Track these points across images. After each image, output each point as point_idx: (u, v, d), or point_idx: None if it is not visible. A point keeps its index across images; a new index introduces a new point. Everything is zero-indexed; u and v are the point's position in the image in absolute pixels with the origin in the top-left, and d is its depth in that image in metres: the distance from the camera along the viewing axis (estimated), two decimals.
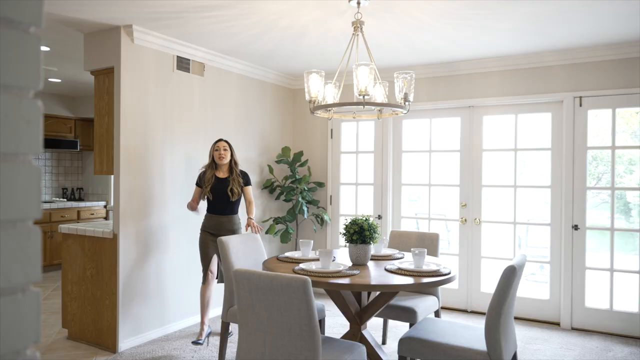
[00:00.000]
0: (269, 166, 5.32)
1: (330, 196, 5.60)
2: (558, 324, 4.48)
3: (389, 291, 2.75)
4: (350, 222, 3.01)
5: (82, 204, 7.01)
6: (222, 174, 3.94)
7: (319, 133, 5.66)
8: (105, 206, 7.30)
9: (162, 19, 3.57)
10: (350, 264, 3.06)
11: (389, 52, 4.40)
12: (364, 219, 3.02)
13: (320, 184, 5.52)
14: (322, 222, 5.43)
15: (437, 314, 3.69)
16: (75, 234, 3.98)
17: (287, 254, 3.30)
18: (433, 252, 3.76)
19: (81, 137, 7.26)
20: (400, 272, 2.79)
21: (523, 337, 4.15)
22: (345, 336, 3.01)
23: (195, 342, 3.80)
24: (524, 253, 4.45)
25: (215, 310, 4.54)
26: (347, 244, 3.05)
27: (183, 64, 4.29)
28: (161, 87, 4.11)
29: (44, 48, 4.43)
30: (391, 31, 3.80)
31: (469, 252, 4.91)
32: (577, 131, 4.38)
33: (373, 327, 4.35)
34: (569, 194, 4.40)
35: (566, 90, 4.40)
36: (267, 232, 5.20)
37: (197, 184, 3.97)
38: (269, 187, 5.32)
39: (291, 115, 5.81)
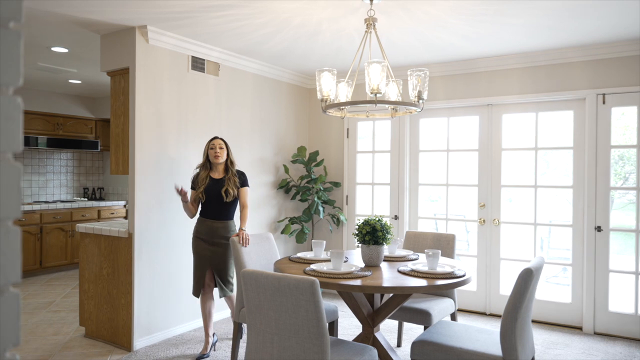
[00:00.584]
0: (284, 166, 5.30)
1: (347, 196, 5.55)
2: (580, 329, 4.34)
3: (401, 293, 2.69)
4: (362, 223, 2.96)
5: (102, 204, 7.11)
6: (218, 174, 3.66)
7: (335, 132, 5.62)
8: (125, 205, 7.39)
9: (175, 19, 3.58)
10: (363, 265, 3.02)
11: (404, 49, 4.33)
12: (377, 219, 2.97)
13: (336, 184, 5.48)
14: (338, 222, 5.39)
15: (453, 316, 3.61)
16: (92, 233, 4.03)
17: (299, 255, 3.27)
18: (449, 253, 3.68)
19: (101, 137, 7.37)
20: (413, 274, 2.74)
21: (543, 341, 4.04)
22: (357, 338, 2.97)
23: (200, 358, 3.59)
24: (542, 255, 4.34)
25: (221, 313, 4.54)
26: (360, 245, 3.01)
27: (198, 64, 4.30)
28: (176, 87, 4.13)
29: (62, 50, 4.49)
30: (405, 28, 3.74)
31: (487, 253, 4.80)
32: (600, 129, 4.24)
33: (388, 329, 4.29)
34: (592, 194, 4.26)
35: (589, 88, 4.27)
36: (282, 232, 5.18)
37: (192, 187, 3.69)
38: (284, 186, 5.30)
39: (307, 114, 5.78)
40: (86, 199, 7.34)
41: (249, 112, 4.95)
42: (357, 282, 2.54)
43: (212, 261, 3.60)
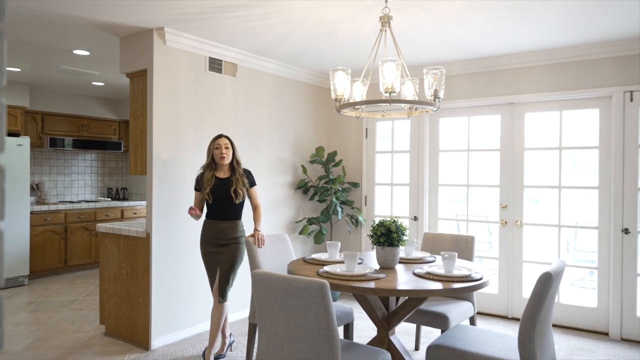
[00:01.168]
0: (302, 166, 5.28)
1: (365, 197, 5.50)
2: (606, 334, 4.19)
3: (415, 297, 2.63)
4: (377, 224, 2.91)
5: (125, 204, 7.23)
6: (223, 173, 3.50)
7: (354, 132, 5.57)
8: None
9: (190, 20, 3.60)
10: (378, 267, 2.97)
11: (422, 48, 4.26)
12: (392, 220, 2.91)
13: (355, 184, 5.43)
14: (356, 223, 5.34)
15: (472, 320, 3.53)
16: (112, 233, 4.08)
17: (313, 256, 3.25)
18: (468, 255, 3.60)
19: (125, 138, 7.49)
20: (428, 276, 2.68)
21: (567, 347, 3.91)
22: (372, 342, 2.92)
23: (217, 357, 3.60)
24: (563, 259, 4.21)
25: (238, 314, 4.54)
26: (375, 247, 2.96)
27: (215, 64, 4.32)
28: (193, 88, 4.15)
29: (84, 52, 4.57)
30: (423, 27, 3.67)
31: (509, 255, 4.68)
32: (627, 128, 4.09)
33: (406, 331, 4.23)
34: (619, 195, 4.11)
35: (615, 85, 4.12)
36: (300, 233, 5.16)
37: (196, 189, 3.53)
38: (302, 187, 5.29)
39: (325, 114, 5.75)
40: (110, 199, 7.47)
41: (267, 113, 4.95)
42: (370, 285, 2.49)
43: (220, 264, 3.46)
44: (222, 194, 3.42)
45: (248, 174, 3.56)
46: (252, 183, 3.56)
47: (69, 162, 7.23)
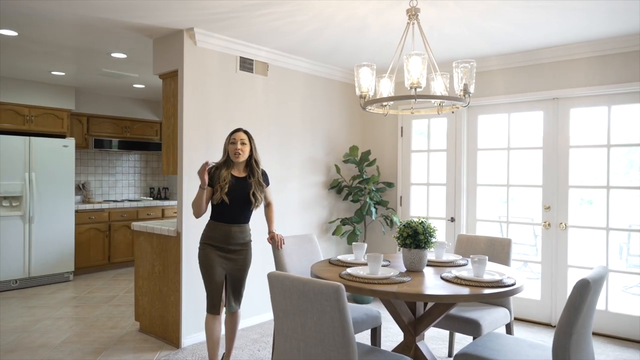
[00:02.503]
0: (336, 166, 5.21)
1: (400, 197, 5.36)
2: None
3: (439, 302, 2.50)
4: (403, 225, 2.80)
5: (166, 203, 7.39)
6: (239, 172, 3.17)
7: (389, 131, 5.44)
8: None
9: (218, 20, 3.60)
10: (404, 269, 2.85)
11: (457, 42, 4.09)
12: (419, 221, 2.79)
13: (390, 184, 5.30)
14: (391, 223, 5.21)
15: (508, 327, 3.34)
16: (145, 231, 4.15)
17: (339, 257, 3.17)
18: (504, 259, 3.41)
19: None
20: (456, 281, 2.54)
21: (615, 358, 3.64)
22: (397, 348, 2.81)
23: None
24: (604, 265, 3.93)
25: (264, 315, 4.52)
26: (401, 249, 2.85)
27: (246, 64, 4.32)
28: (224, 88, 4.16)
29: (121, 55, 4.69)
30: (457, 19, 3.52)
31: (552, 259, 4.42)
32: None
33: (440, 337, 4.07)
34: None
35: None
36: (333, 234, 5.09)
37: (208, 185, 3.13)
38: (336, 187, 5.21)
39: (360, 113, 5.65)
40: (151, 199, 7.67)
41: (299, 112, 4.91)
42: (392, 289, 2.39)
43: (229, 271, 3.16)
44: (239, 196, 3.10)
45: (265, 175, 3.28)
46: (267, 183, 3.30)
47: (113, 162, 7.47)
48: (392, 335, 4.13)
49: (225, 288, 3.18)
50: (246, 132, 3.18)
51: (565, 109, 4.36)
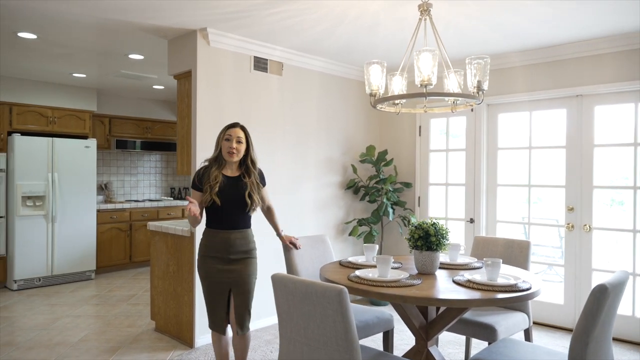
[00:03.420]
0: (352, 166, 5.15)
1: (419, 197, 5.26)
2: None
3: (448, 306, 2.42)
4: (414, 227, 2.72)
5: (186, 203, 7.45)
6: (231, 171, 2.85)
7: (407, 130, 5.35)
8: None
9: (230, 19, 3.59)
10: (416, 272, 2.78)
11: (476, 39, 3.98)
12: (431, 222, 2.71)
13: (407, 185, 5.21)
14: (409, 224, 5.11)
15: (527, 333, 3.22)
16: (160, 231, 4.18)
17: (350, 259, 3.11)
18: (522, 262, 3.29)
19: None
20: (468, 285, 2.45)
21: None
22: (409, 352, 2.73)
23: None
24: (625, 269, 3.75)
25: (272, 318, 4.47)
26: (413, 251, 2.77)
27: (260, 64, 4.30)
28: (238, 88, 4.15)
29: (138, 57, 4.73)
30: (473, 15, 3.41)
31: (576, 262, 4.26)
32: None
33: (458, 342, 3.97)
34: None
35: None
36: (350, 234, 5.03)
37: (195, 187, 2.84)
38: (352, 187, 5.15)
39: (377, 112, 5.57)
40: (172, 199, 7.74)
41: (315, 111, 4.87)
42: (401, 292, 2.32)
43: (232, 284, 2.83)
44: (232, 197, 2.78)
45: (261, 175, 2.97)
46: (264, 183, 2.98)
47: (135, 162, 7.58)
48: (407, 338, 4.05)
49: (228, 304, 2.85)
50: (243, 129, 2.85)
51: (589, 107, 4.20)
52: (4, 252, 5.72)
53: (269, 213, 3.12)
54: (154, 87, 6.37)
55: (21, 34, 3.99)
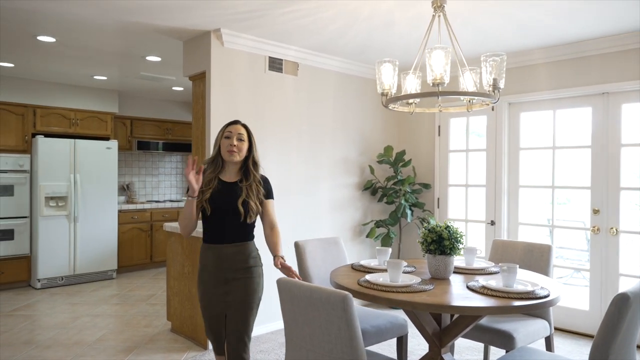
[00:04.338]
0: (370, 166, 5.07)
1: (438, 199, 5.15)
2: None
3: (460, 313, 2.33)
4: (427, 230, 2.64)
5: None
6: (229, 176, 2.47)
7: (425, 130, 5.24)
8: None
9: (243, 19, 3.56)
10: (429, 277, 2.70)
11: (495, 36, 3.85)
12: (445, 226, 2.63)
13: (426, 186, 5.10)
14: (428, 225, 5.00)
15: (547, 341, 3.09)
16: (176, 232, 4.18)
17: (362, 262, 3.04)
18: (543, 267, 3.17)
19: None
20: (483, 291, 2.36)
21: None
22: None
23: None
24: None
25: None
26: (426, 255, 2.69)
27: (275, 64, 4.27)
28: (252, 89, 4.13)
29: (155, 58, 4.76)
30: (492, 11, 3.30)
31: (602, 267, 4.09)
32: None
33: (475, 348, 3.85)
34: None
35: None
36: (367, 236, 4.96)
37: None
38: (370, 188, 5.07)
39: (395, 112, 5.46)
40: None
41: (331, 111, 4.81)
42: (411, 298, 2.24)
43: (229, 307, 2.43)
44: (225, 205, 2.40)
45: (266, 181, 2.55)
46: (269, 194, 2.54)
47: (156, 163, 7.66)
48: (423, 343, 3.95)
49: (225, 336, 2.47)
50: (245, 126, 2.52)
51: (616, 105, 4.02)
52: (28, 251, 5.85)
53: (272, 233, 2.51)
54: (174, 88, 6.42)
55: (40, 38, 4.05)
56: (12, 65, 5.11)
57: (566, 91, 4.22)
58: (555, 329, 4.25)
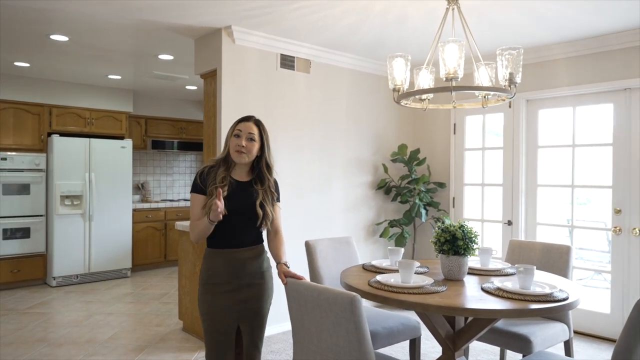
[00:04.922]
0: (383, 165, 4.99)
1: (453, 198, 5.04)
2: None
3: (473, 316, 2.25)
4: (441, 230, 2.57)
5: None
6: (241, 175, 2.27)
7: (440, 128, 5.14)
8: None
9: (254, 16, 3.52)
10: (442, 278, 2.62)
11: (512, 30, 3.75)
12: (458, 225, 2.55)
13: (441, 185, 5.00)
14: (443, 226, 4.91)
15: (567, 345, 2.99)
16: (187, 231, 4.16)
17: (374, 263, 2.98)
18: (562, 269, 3.06)
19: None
20: (498, 293, 2.27)
21: None
22: None
23: None
24: None
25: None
26: (439, 255, 2.61)
27: (287, 61, 4.22)
28: (264, 87, 4.09)
29: (168, 57, 4.75)
30: (509, 4, 3.20)
31: (624, 269, 3.96)
32: None
33: (492, 351, 3.75)
34: None
35: None
36: (381, 236, 4.88)
37: (197, 190, 2.21)
38: (383, 187, 4.99)
39: (410, 109, 5.38)
40: None
41: (345, 109, 4.75)
42: (422, 299, 2.17)
43: (243, 317, 2.24)
44: (243, 206, 2.21)
45: (276, 185, 2.38)
46: (278, 198, 2.37)
47: (171, 162, 7.69)
48: (437, 346, 3.86)
49: (237, 342, 2.27)
50: (258, 124, 2.28)
51: (638, 101, 3.88)
52: (44, 249, 5.90)
53: (275, 238, 2.34)
54: (187, 87, 6.42)
55: (53, 37, 4.07)
56: (27, 65, 5.16)
57: (586, 87, 4.09)
58: (575, 332, 4.12)
